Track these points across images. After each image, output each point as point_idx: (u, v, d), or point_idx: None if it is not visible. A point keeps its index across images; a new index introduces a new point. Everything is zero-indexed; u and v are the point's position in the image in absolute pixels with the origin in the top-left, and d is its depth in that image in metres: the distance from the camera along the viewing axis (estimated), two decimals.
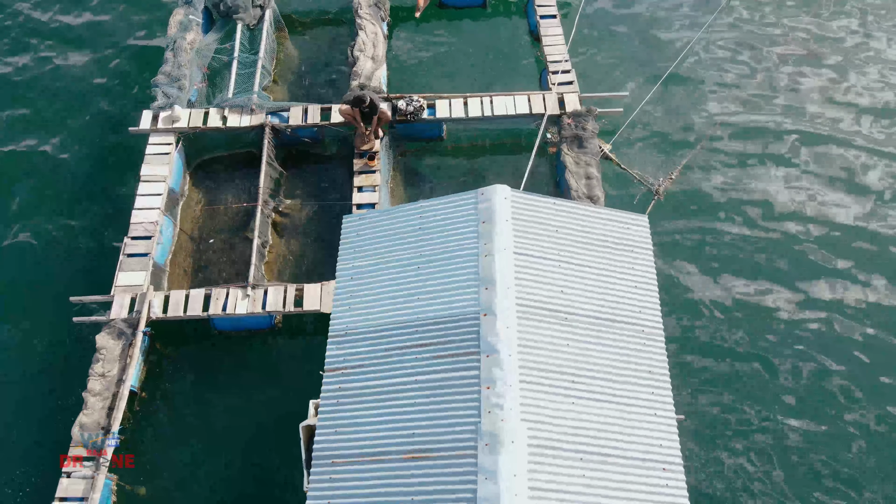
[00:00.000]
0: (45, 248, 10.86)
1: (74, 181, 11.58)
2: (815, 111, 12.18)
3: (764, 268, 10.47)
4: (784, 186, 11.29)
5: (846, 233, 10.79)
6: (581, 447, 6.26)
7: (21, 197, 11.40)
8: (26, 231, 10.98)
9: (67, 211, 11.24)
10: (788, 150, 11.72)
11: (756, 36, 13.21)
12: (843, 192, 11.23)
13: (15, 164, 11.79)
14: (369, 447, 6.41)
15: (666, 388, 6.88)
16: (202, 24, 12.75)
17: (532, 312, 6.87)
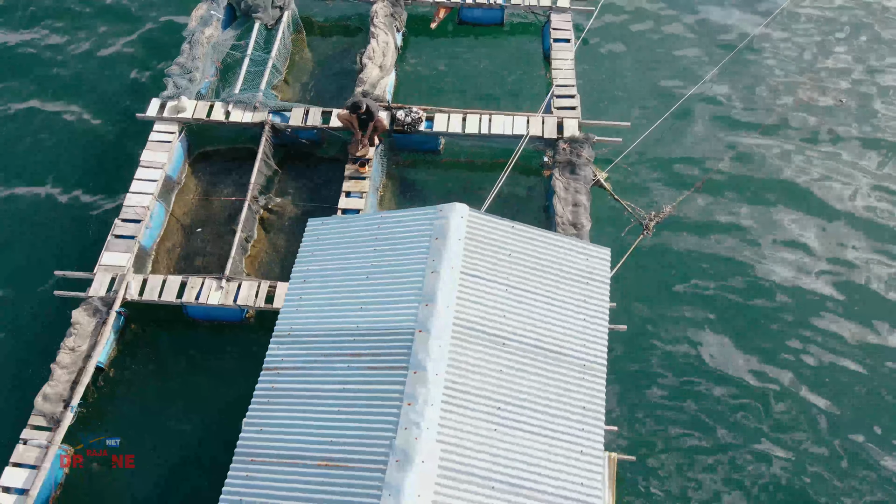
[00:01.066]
0: (45, 219, 11.30)
1: (86, 155, 12.02)
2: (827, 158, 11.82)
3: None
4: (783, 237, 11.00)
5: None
6: (495, 476, 6.16)
7: (30, 163, 11.89)
8: (29, 199, 11.46)
9: (73, 183, 11.67)
10: (795, 195, 11.42)
11: (772, 77, 12.86)
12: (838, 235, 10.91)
13: (32, 129, 12.30)
14: (288, 449, 6.44)
15: (598, 427, 6.72)
16: (223, 20, 13.12)
17: (469, 334, 6.82)
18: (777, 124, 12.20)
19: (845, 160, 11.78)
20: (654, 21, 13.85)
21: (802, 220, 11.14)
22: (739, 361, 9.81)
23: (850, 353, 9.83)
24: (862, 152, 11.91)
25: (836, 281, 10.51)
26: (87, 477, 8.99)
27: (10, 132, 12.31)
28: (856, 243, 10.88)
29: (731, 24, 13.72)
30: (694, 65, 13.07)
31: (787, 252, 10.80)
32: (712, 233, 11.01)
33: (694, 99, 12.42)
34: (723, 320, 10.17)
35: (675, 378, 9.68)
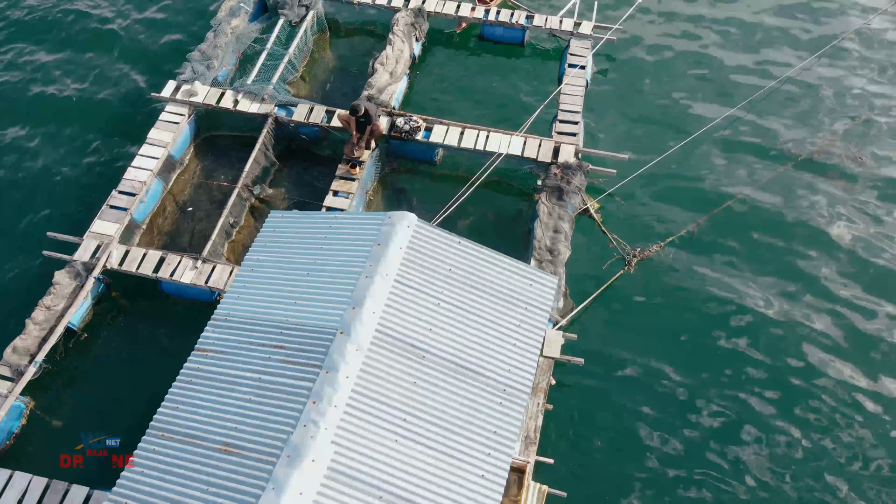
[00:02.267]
0: (50, 181, 11.89)
1: (100, 125, 12.61)
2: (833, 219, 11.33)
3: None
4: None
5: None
6: (385, 486, 6.14)
7: (46, 129, 12.57)
8: (40, 161, 12.09)
9: (83, 151, 12.26)
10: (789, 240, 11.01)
11: (785, 136, 12.40)
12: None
13: (53, 100, 13.02)
14: (196, 430, 6.59)
15: (506, 453, 6.62)
16: (253, 13, 13.58)
17: (389, 342, 6.83)
18: (791, 173, 11.75)
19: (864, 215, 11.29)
20: (678, 55, 13.58)
21: (803, 282, 10.67)
22: (699, 404, 9.50)
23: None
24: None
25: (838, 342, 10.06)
26: (41, 431, 9.38)
27: (42, 91, 13.08)
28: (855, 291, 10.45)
29: (752, 66, 13.34)
30: (711, 103, 12.74)
31: (770, 316, 10.37)
32: (693, 279, 10.65)
33: (702, 140, 12.10)
34: (688, 365, 9.84)
35: (628, 419, 9.41)
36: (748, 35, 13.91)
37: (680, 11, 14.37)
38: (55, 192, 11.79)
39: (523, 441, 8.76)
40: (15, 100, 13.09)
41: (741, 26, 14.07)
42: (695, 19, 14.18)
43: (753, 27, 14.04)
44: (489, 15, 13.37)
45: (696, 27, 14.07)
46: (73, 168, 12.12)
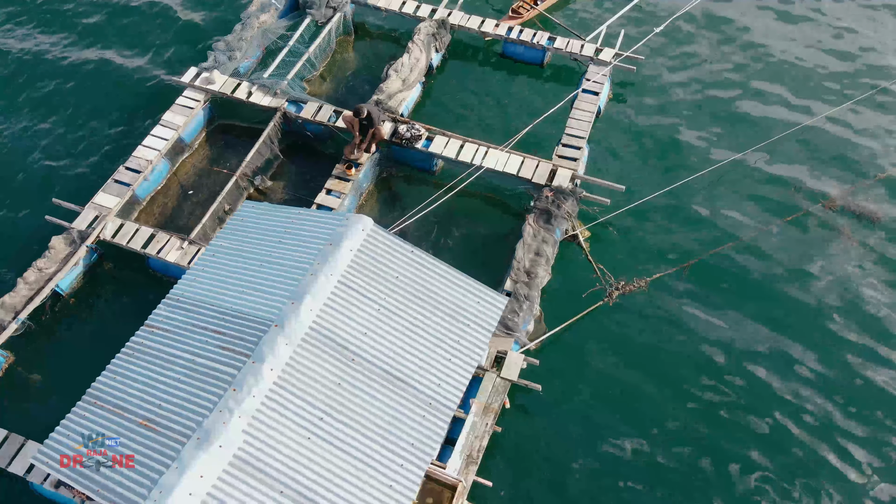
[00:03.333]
0: (72, 151, 12.49)
1: (128, 103, 13.18)
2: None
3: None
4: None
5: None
6: (289, 482, 6.19)
7: (72, 100, 13.23)
8: (61, 129, 12.72)
9: (109, 126, 12.84)
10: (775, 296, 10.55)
11: (797, 184, 11.93)
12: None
13: (85, 71, 13.69)
14: (125, 402, 6.80)
15: (420, 467, 6.58)
16: (283, 10, 13.97)
17: (321, 341, 6.90)
18: (797, 223, 11.30)
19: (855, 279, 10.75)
20: (696, 90, 13.26)
21: (791, 339, 10.21)
22: (651, 451, 9.20)
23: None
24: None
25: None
26: (17, 386, 9.82)
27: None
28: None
29: (773, 108, 12.91)
30: (723, 142, 12.38)
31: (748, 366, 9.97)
32: (675, 321, 10.34)
33: (709, 179, 11.77)
34: (652, 409, 9.54)
35: (576, 454, 9.19)
36: (773, 75, 13.48)
37: (702, 47, 14.02)
38: (73, 163, 12.37)
39: (464, 459, 8.66)
40: (51, 67, 13.85)
41: (767, 65, 13.65)
42: (720, 56, 13.83)
43: (779, 67, 13.61)
44: (511, 33, 13.37)
45: (719, 63, 13.72)
46: (95, 141, 12.68)
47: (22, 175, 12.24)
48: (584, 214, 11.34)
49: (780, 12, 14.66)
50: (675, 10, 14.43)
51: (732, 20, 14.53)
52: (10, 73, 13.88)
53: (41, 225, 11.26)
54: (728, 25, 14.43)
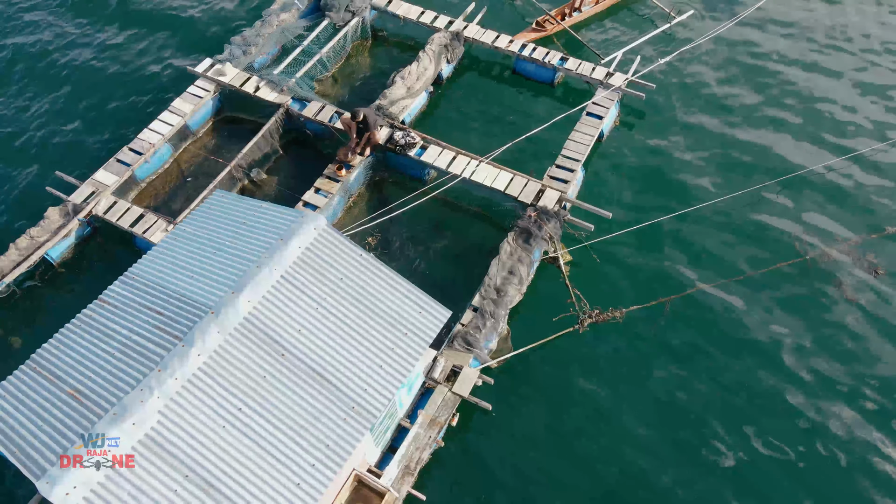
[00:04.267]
0: (80, 126, 13.02)
1: (148, 89, 13.67)
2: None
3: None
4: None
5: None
6: (195, 466, 6.26)
7: (92, 81, 13.79)
8: (78, 106, 13.27)
9: (120, 106, 13.35)
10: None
11: (796, 230, 11.48)
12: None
13: (109, 55, 14.27)
14: (61, 371, 6.99)
15: (332, 469, 6.55)
16: (305, 11, 14.27)
17: (253, 332, 6.97)
18: (790, 271, 10.86)
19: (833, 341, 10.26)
20: (703, 124, 12.93)
21: (754, 396, 9.80)
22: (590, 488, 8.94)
23: None
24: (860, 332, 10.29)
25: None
26: None
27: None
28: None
29: (781, 149, 12.47)
30: (722, 178, 12.03)
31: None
32: (642, 356, 10.05)
33: (702, 215, 11.46)
34: (599, 448, 9.29)
35: (517, 480, 9.00)
36: (788, 115, 13.06)
37: (718, 80, 13.70)
38: (83, 139, 12.88)
39: (402, 470, 8.60)
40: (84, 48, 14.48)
41: (782, 105, 13.23)
42: (734, 91, 13.47)
43: (796, 107, 13.17)
44: (524, 50, 13.34)
45: (732, 98, 13.36)
46: (108, 121, 13.18)
47: (35, 148, 12.81)
48: (570, 238, 11.18)
49: (803, 49, 14.23)
50: (693, 39, 14.18)
51: (752, 55, 14.19)
52: (37, 51, 14.56)
53: (44, 196, 11.74)
54: (746, 60, 14.09)
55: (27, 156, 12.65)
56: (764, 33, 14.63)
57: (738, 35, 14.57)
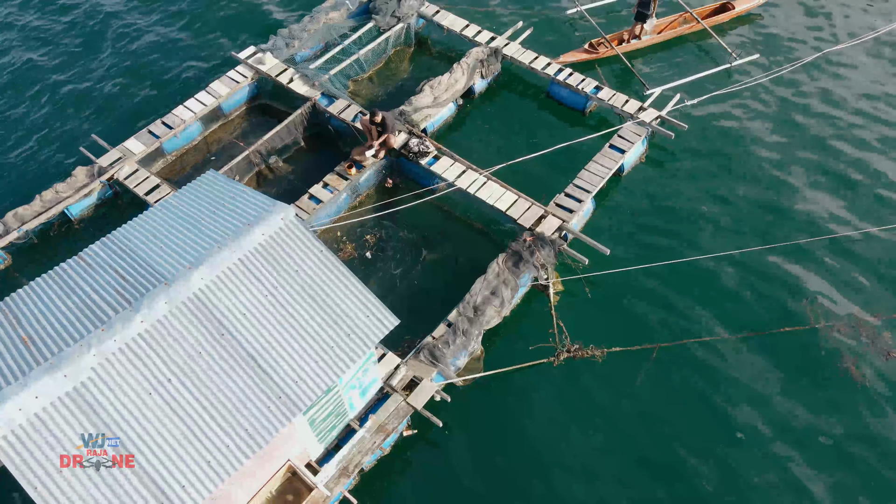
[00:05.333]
0: (125, 96, 13.79)
1: (192, 63, 14.38)
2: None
3: None
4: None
5: None
6: (114, 428, 6.48)
7: (144, 58, 14.61)
8: (126, 80, 14.10)
9: (166, 80, 14.08)
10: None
11: (809, 293, 10.81)
12: None
13: (164, 35, 15.07)
14: (23, 317, 7.32)
15: (245, 453, 6.65)
16: (355, 11, 14.60)
17: (199, 309, 7.16)
18: (794, 339, 10.23)
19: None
20: (727, 171, 12.38)
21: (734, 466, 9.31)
22: None
23: None
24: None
25: None
26: (10, 287, 10.93)
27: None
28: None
29: (801, 207, 11.79)
30: (738, 231, 11.47)
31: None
32: (614, 401, 9.69)
33: (710, 266, 10.97)
34: (522, 487, 9.01)
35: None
36: (825, 171, 12.35)
37: (757, 126, 13.11)
38: (126, 108, 13.65)
39: (339, 469, 8.63)
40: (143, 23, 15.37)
41: (821, 159, 12.51)
42: (773, 140, 12.84)
43: (835, 164, 12.43)
44: (560, 75, 13.19)
45: (771, 148, 12.74)
46: (152, 94, 13.92)
47: (86, 110, 13.65)
48: (567, 268, 10.94)
49: (851, 104, 13.42)
50: (745, 83, 13.64)
51: (802, 107, 13.49)
52: (99, 28, 15.54)
53: (79, 157, 12.51)
54: (795, 112, 13.42)
55: (74, 119, 13.50)
56: (821, 83, 13.91)
57: (796, 85, 13.90)
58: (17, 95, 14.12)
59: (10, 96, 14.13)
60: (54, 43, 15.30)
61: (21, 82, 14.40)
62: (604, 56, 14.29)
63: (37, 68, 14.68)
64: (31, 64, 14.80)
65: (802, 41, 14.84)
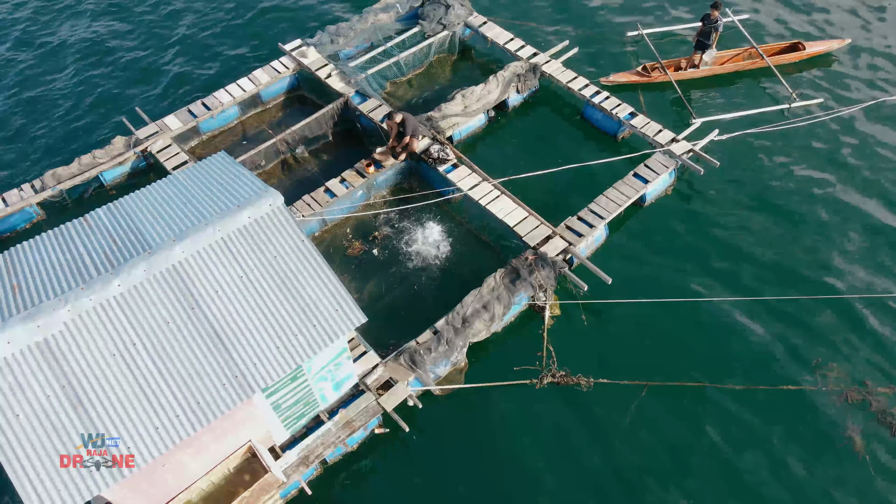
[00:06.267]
0: (179, 75, 14.46)
1: (245, 50, 14.97)
2: None
3: None
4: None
5: None
6: (74, 382, 6.76)
7: (202, 40, 15.31)
8: (183, 60, 14.77)
9: (216, 63, 14.71)
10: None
11: (822, 354, 10.20)
12: None
13: (227, 22, 15.73)
14: (20, 267, 7.74)
15: (195, 425, 6.83)
16: (404, 15, 14.80)
17: (176, 282, 7.38)
18: (800, 401, 9.68)
19: None
20: (749, 220, 11.80)
21: None
22: None
23: None
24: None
25: None
26: None
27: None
28: None
29: (820, 264, 11.14)
30: (749, 280, 10.94)
31: None
32: (590, 432, 9.41)
33: (715, 311, 10.52)
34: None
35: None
36: (851, 227, 11.63)
37: (792, 173, 12.49)
38: (176, 86, 14.29)
39: (300, 458, 8.72)
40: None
41: (852, 216, 11.80)
42: (806, 191, 12.19)
43: (866, 223, 11.69)
44: (595, 97, 12.98)
45: (801, 199, 12.10)
46: (201, 74, 14.51)
47: (135, 84, 14.38)
48: (567, 292, 10.72)
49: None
50: (797, 124, 13.07)
51: (847, 151, 12.80)
52: (166, 8, 16.36)
53: (120, 127, 13.19)
54: (838, 155, 12.74)
55: (127, 92, 14.24)
56: (875, 131, 13.17)
57: (850, 131, 13.21)
58: (76, 63, 15.00)
59: (71, 63, 15.03)
60: (119, 18, 16.22)
61: (82, 51, 15.31)
62: (655, 80, 13.98)
63: (97, 41, 15.58)
64: (96, 36, 15.72)
65: (867, 85, 14.09)
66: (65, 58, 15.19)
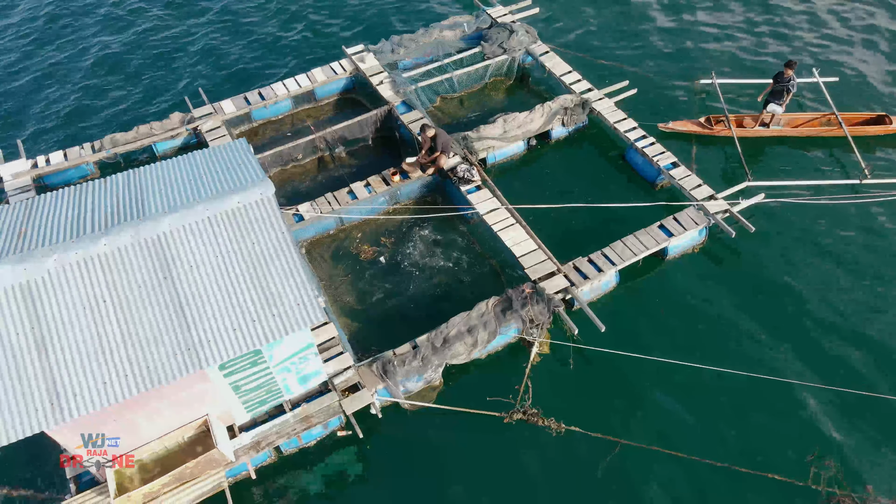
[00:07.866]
0: (247, 62, 15.27)
1: (313, 50, 15.69)
2: None
3: None
4: None
5: None
6: (41, 325, 7.28)
7: (282, 39, 16.07)
8: (252, 50, 15.61)
9: (282, 59, 15.42)
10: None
11: (816, 444, 9.36)
12: None
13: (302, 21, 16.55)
14: (34, 214, 8.45)
15: (138, 387, 7.18)
16: (469, 34, 14.99)
17: (157, 252, 7.77)
18: (779, 489, 8.97)
19: None
20: (788, 291, 11.04)
21: None
22: None
23: None
24: None
25: None
26: None
27: None
28: None
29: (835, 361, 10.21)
30: (765, 354, 10.22)
31: None
32: (556, 477, 9.08)
33: (716, 380, 9.92)
34: None
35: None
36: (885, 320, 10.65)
37: (837, 250, 11.54)
38: (242, 74, 15.12)
39: (253, 441, 8.94)
40: None
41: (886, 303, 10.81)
42: (851, 276, 11.26)
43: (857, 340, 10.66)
44: (639, 141, 12.62)
45: (845, 276, 11.20)
46: (268, 65, 15.29)
47: (204, 66, 15.37)
48: (562, 333, 10.44)
49: None
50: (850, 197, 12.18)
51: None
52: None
53: (180, 104, 14.11)
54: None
55: (202, 73, 15.23)
56: None
57: None
58: (155, 43, 16.21)
59: (151, 41, 16.25)
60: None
61: (157, 29, 16.55)
62: (717, 134, 13.43)
63: (169, 25, 16.76)
64: (172, 19, 16.92)
65: None
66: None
